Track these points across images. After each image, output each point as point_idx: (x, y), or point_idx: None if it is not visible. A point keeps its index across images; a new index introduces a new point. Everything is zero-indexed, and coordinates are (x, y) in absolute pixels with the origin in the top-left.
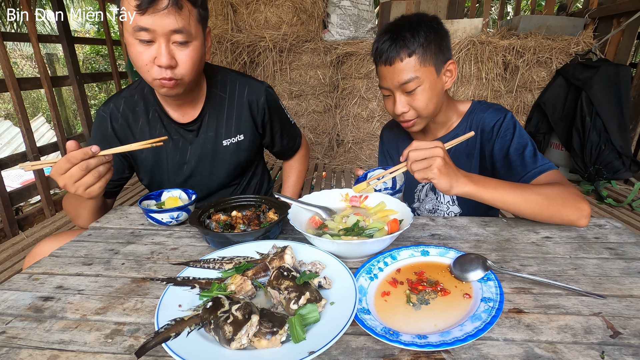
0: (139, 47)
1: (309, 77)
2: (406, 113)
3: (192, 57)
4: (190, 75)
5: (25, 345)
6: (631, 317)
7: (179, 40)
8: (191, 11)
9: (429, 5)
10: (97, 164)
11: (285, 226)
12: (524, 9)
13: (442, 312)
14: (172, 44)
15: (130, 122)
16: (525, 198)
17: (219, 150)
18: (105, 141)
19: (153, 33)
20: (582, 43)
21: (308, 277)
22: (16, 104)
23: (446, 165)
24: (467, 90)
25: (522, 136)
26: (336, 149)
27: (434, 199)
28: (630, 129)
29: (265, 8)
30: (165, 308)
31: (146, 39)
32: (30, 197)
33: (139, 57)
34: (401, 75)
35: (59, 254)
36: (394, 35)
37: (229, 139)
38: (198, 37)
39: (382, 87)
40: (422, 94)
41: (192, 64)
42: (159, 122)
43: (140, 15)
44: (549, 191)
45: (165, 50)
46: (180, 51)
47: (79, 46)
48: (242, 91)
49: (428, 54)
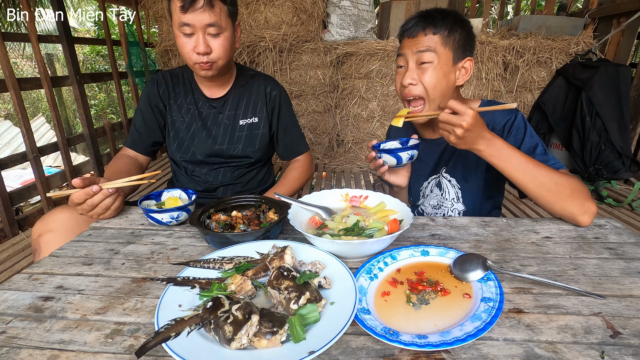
0: (183, 38)
1: (309, 77)
2: (413, 86)
3: (223, 45)
4: (223, 59)
5: (26, 345)
6: (631, 317)
7: (212, 32)
8: (222, 8)
9: (429, 5)
10: (103, 199)
11: (285, 226)
12: (524, 9)
13: (442, 312)
14: (207, 35)
15: (170, 88)
16: (534, 176)
17: (236, 126)
18: (148, 101)
19: (193, 27)
20: (582, 43)
21: (308, 277)
22: (16, 104)
23: (464, 134)
24: (467, 90)
25: (533, 136)
26: (336, 149)
27: (439, 195)
28: (630, 129)
29: (265, 8)
30: (165, 308)
31: (188, 32)
32: (30, 197)
33: (183, 47)
34: (420, 44)
35: (59, 254)
36: (425, 14)
37: (245, 119)
38: (228, 28)
39: (398, 55)
40: (433, 72)
41: (224, 50)
42: (191, 93)
43: (183, 14)
44: (560, 179)
45: (202, 40)
46: (213, 40)
47: (79, 46)
48: (261, 83)
49: (451, 39)
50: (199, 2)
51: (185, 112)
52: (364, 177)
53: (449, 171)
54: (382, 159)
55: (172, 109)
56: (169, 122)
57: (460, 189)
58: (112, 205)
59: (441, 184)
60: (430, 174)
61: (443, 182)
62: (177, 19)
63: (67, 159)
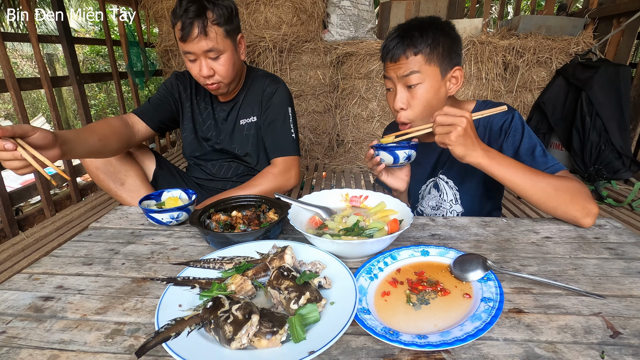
0: (189, 63)
1: (309, 77)
2: (404, 111)
3: (225, 65)
4: (227, 78)
5: (26, 345)
6: (631, 317)
7: (212, 56)
8: (217, 31)
9: (428, 5)
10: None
11: (285, 226)
12: (524, 9)
13: (442, 312)
14: (208, 59)
15: (186, 84)
16: (533, 182)
17: (237, 126)
18: (167, 90)
19: (194, 54)
20: (582, 43)
21: (308, 277)
22: (16, 104)
23: (465, 135)
24: (467, 90)
25: (531, 136)
26: (336, 149)
27: (437, 196)
28: (630, 129)
29: (265, 8)
30: (165, 308)
31: (191, 59)
32: (30, 197)
33: (191, 70)
34: (404, 69)
35: (59, 254)
36: (403, 33)
37: (245, 119)
38: (228, 48)
39: (385, 78)
40: (423, 94)
41: (226, 70)
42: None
43: (183, 43)
44: (559, 183)
45: (205, 64)
46: (215, 63)
47: (79, 46)
48: (262, 82)
49: (435, 54)
50: (194, 32)
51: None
52: (364, 177)
53: (445, 173)
54: (380, 157)
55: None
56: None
57: (458, 190)
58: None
59: (438, 186)
60: (428, 177)
61: (440, 184)
62: (180, 47)
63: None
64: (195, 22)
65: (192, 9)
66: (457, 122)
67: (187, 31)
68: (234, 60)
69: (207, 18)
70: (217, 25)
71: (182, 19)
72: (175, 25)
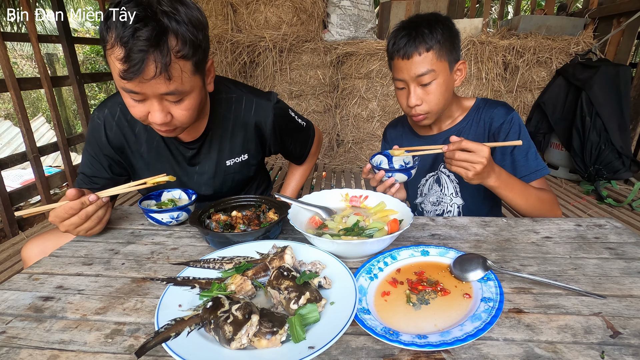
0: (130, 100)
1: (309, 77)
2: (419, 106)
3: (188, 109)
4: (189, 122)
5: (25, 345)
6: (631, 317)
7: (171, 99)
8: (184, 67)
9: (428, 5)
10: (96, 210)
11: (285, 226)
12: (524, 9)
13: (442, 312)
14: (166, 101)
15: (125, 131)
16: (527, 199)
17: (221, 169)
18: (99, 148)
19: (143, 95)
20: (582, 43)
21: (308, 277)
22: (16, 104)
23: (483, 170)
24: (467, 90)
25: (527, 138)
26: (336, 149)
27: (438, 191)
28: (630, 129)
29: (265, 8)
30: (165, 308)
31: (137, 99)
32: (30, 197)
33: (132, 110)
34: (418, 68)
35: (59, 254)
36: (412, 31)
37: (232, 159)
38: (195, 87)
39: (396, 79)
40: (437, 88)
41: (189, 114)
42: (158, 135)
43: (126, 82)
44: (543, 197)
45: (159, 108)
46: (175, 106)
47: (79, 46)
48: (248, 111)
49: (444, 50)
50: (148, 71)
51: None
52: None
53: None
54: (394, 177)
55: (142, 153)
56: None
57: (459, 183)
58: (104, 217)
59: (440, 179)
60: (428, 171)
61: (442, 178)
62: (118, 83)
63: (67, 158)
64: (150, 56)
65: (144, 33)
66: (478, 160)
67: (135, 68)
68: (199, 100)
69: (168, 49)
70: (183, 59)
71: (127, 46)
72: (110, 50)
